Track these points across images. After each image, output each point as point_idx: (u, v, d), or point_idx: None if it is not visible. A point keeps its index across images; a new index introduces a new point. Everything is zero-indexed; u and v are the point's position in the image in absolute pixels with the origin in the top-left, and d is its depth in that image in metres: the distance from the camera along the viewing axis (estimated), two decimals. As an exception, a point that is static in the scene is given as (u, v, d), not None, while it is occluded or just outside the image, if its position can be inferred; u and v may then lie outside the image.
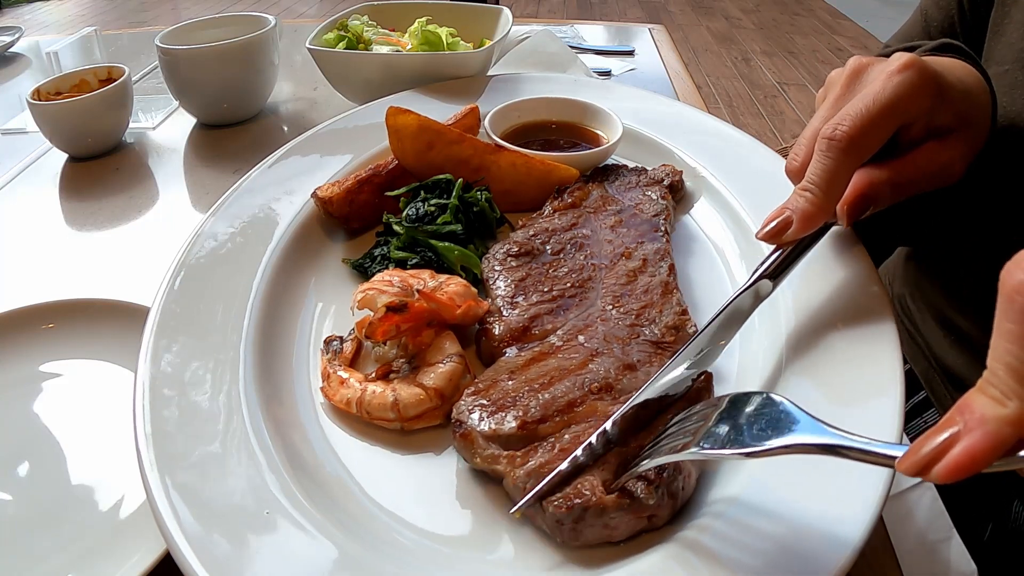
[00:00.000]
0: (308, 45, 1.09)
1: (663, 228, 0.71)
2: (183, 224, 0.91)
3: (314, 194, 0.76)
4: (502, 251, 0.68)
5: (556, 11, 5.96)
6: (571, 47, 1.44)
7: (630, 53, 1.52)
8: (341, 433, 0.57)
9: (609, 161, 0.87)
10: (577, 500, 0.45)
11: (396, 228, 0.72)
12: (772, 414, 0.40)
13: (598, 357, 0.56)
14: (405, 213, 0.73)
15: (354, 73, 1.10)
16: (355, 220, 0.77)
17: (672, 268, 0.65)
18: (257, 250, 0.70)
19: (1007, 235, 0.70)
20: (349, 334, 0.63)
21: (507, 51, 1.32)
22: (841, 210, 0.57)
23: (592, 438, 0.48)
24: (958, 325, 0.80)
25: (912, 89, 0.53)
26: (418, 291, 0.59)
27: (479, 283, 0.67)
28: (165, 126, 1.23)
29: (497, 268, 0.66)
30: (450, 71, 1.04)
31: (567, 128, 0.92)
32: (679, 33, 5.34)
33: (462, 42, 1.16)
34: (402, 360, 0.60)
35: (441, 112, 0.89)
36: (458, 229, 0.71)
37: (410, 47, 1.14)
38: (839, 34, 5.44)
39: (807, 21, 5.77)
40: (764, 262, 0.57)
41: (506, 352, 0.58)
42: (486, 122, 0.87)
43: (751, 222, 0.73)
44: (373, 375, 0.59)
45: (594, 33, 1.66)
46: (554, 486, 0.46)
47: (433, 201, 0.74)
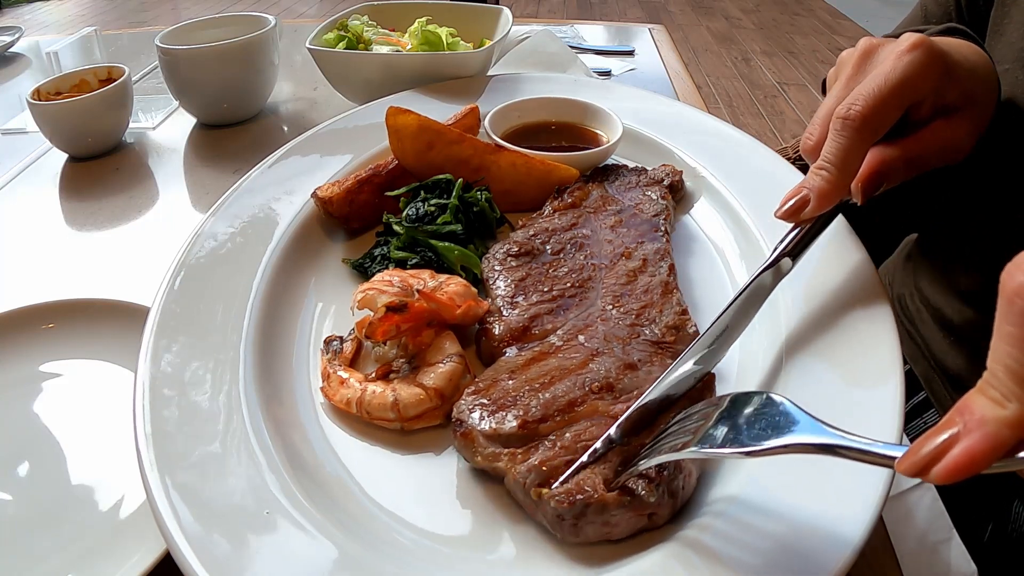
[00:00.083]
0: (308, 45, 1.09)
1: (663, 228, 0.71)
2: (183, 224, 0.91)
3: (314, 194, 0.76)
4: (502, 251, 0.68)
5: (556, 11, 5.96)
6: (571, 47, 1.44)
7: (630, 53, 1.52)
8: (341, 433, 0.57)
9: (609, 161, 0.87)
10: (579, 496, 0.45)
11: (396, 228, 0.72)
12: (772, 414, 0.40)
13: (598, 357, 0.56)
14: (405, 213, 0.73)
15: (354, 73, 1.10)
16: (355, 220, 0.77)
17: (672, 268, 0.65)
18: (257, 250, 0.70)
19: (1007, 233, 0.70)
20: (349, 334, 0.63)
21: (507, 51, 1.32)
22: (856, 187, 0.58)
23: (598, 443, 0.49)
24: (957, 326, 0.80)
25: (921, 68, 0.54)
26: (418, 291, 0.59)
27: (479, 283, 0.67)
28: (165, 126, 1.23)
29: (497, 268, 0.66)
30: (450, 71, 1.04)
31: (567, 128, 0.92)
32: (679, 33, 5.34)
33: (462, 42, 1.16)
34: (402, 360, 0.60)
35: (441, 112, 0.89)
36: (458, 229, 0.71)
37: (410, 47, 1.14)
38: (839, 34, 5.44)
39: (807, 21, 5.77)
40: (783, 240, 0.58)
41: (506, 352, 0.58)
42: (486, 122, 0.87)
43: (751, 222, 0.73)
44: (373, 375, 0.59)
45: (594, 33, 1.66)
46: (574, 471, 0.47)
47: (433, 201, 0.74)
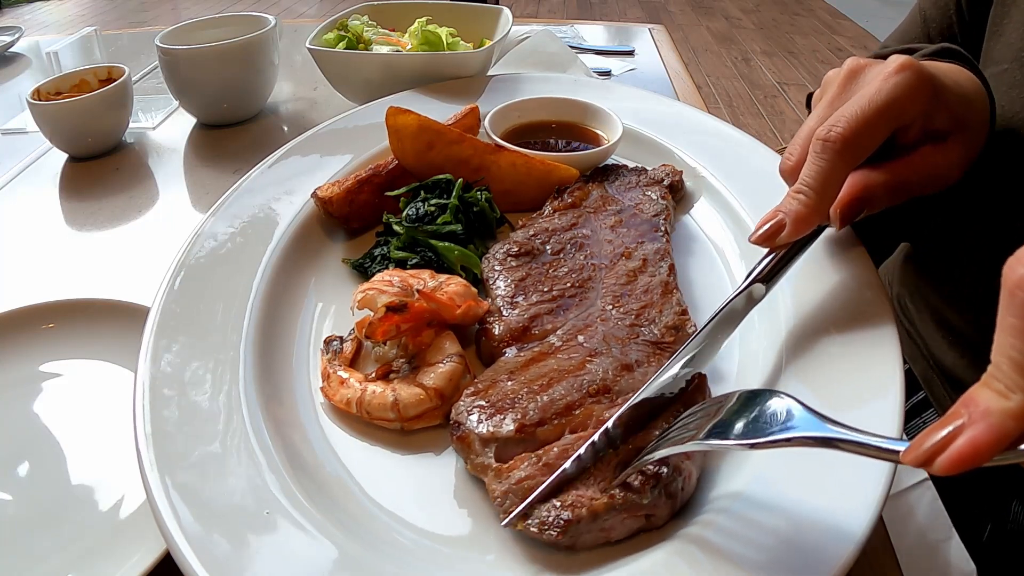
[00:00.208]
0: (308, 45, 1.09)
1: (663, 228, 0.71)
2: (183, 224, 0.91)
3: (314, 194, 0.76)
4: (502, 251, 0.68)
5: (556, 11, 5.96)
6: (571, 47, 1.44)
7: (630, 53, 1.52)
8: (341, 433, 0.57)
9: (609, 161, 0.87)
10: (564, 517, 0.45)
11: (396, 228, 0.72)
12: (775, 410, 0.40)
13: (597, 358, 0.56)
14: (405, 213, 0.73)
15: (354, 73, 1.10)
16: (355, 220, 0.77)
17: (672, 268, 0.65)
18: (257, 250, 0.70)
19: (1006, 234, 0.70)
20: (349, 334, 0.63)
21: (507, 51, 1.32)
22: (834, 213, 0.56)
23: (581, 450, 0.48)
24: (956, 326, 0.80)
25: (908, 91, 0.53)
26: (418, 291, 0.59)
27: (479, 283, 0.67)
28: (165, 126, 1.23)
29: (497, 268, 0.66)
30: (450, 71, 1.04)
31: (567, 128, 0.92)
32: (679, 33, 5.34)
33: (462, 42, 1.16)
34: (402, 360, 0.60)
35: (441, 112, 0.89)
36: (458, 229, 0.71)
37: (410, 47, 1.14)
38: (839, 34, 5.44)
39: (807, 21, 5.77)
40: (757, 266, 0.57)
41: (506, 352, 0.58)
42: (486, 122, 0.87)
43: (751, 222, 0.73)
44: (373, 375, 0.59)
45: (594, 33, 1.66)
46: (543, 498, 0.46)
47: (433, 201, 0.74)
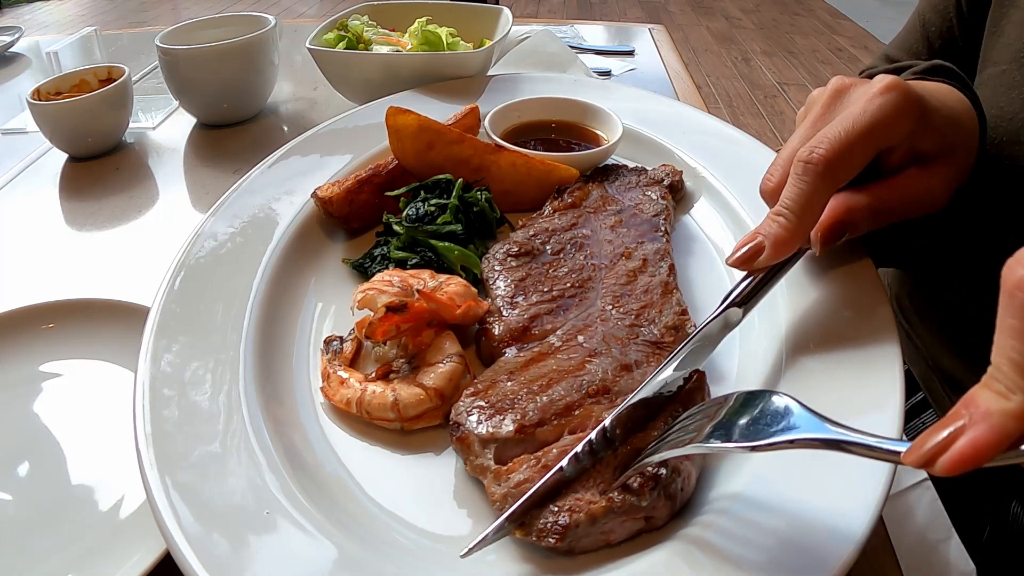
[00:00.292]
0: (308, 45, 1.09)
1: (663, 228, 0.71)
2: (183, 224, 0.91)
3: (314, 194, 0.76)
4: (502, 251, 0.68)
5: (556, 11, 5.96)
6: (571, 47, 1.44)
7: (630, 53, 1.52)
8: (341, 433, 0.57)
9: (609, 161, 0.87)
10: (562, 522, 0.45)
11: (396, 228, 0.72)
12: (775, 411, 0.40)
13: (597, 358, 0.56)
14: (405, 213, 0.73)
15: (354, 73, 1.10)
16: (355, 220, 0.77)
17: (672, 268, 0.65)
18: (257, 250, 0.70)
19: (1005, 236, 0.70)
20: (349, 334, 0.63)
21: (507, 51, 1.32)
22: (815, 236, 0.55)
23: (577, 448, 0.47)
24: (955, 327, 0.80)
25: (894, 112, 0.51)
26: (418, 291, 0.59)
27: (479, 283, 0.67)
28: (165, 126, 1.23)
29: (497, 268, 0.66)
30: (450, 71, 1.04)
31: (567, 128, 0.92)
32: (679, 33, 5.34)
33: (462, 42, 1.16)
34: (402, 360, 0.60)
35: (441, 112, 0.89)
36: (458, 229, 0.71)
37: (410, 47, 1.14)
38: (839, 34, 5.44)
39: (807, 21, 5.78)
40: (734, 289, 0.55)
41: (506, 352, 0.58)
42: (486, 122, 0.87)
43: (751, 222, 0.73)
44: (373, 375, 0.59)
45: (594, 33, 1.66)
46: (532, 505, 0.46)
47: (433, 201, 0.74)
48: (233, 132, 1.20)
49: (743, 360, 0.61)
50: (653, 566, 0.44)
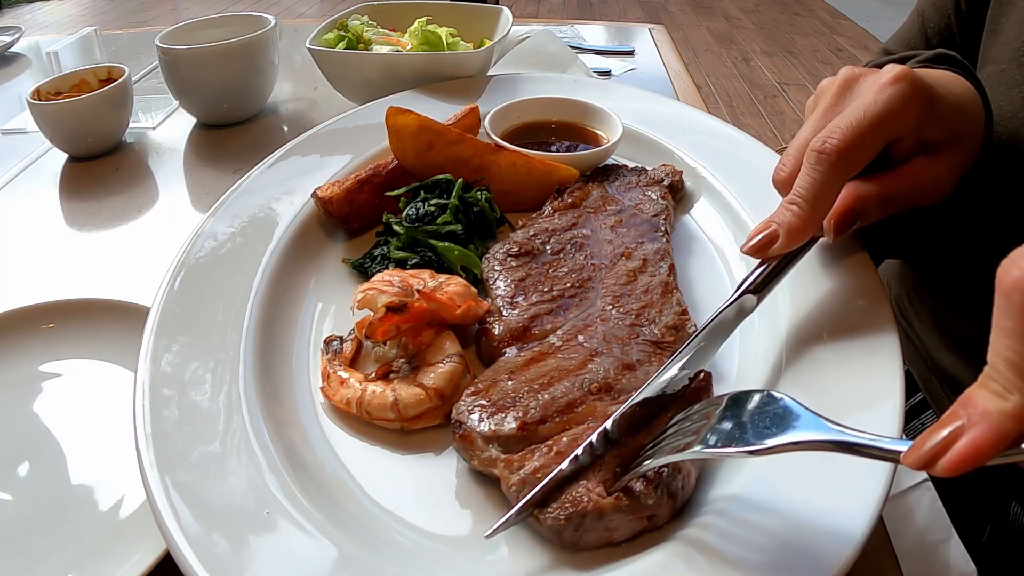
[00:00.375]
0: (308, 45, 1.09)
1: (663, 228, 0.71)
2: (183, 224, 0.91)
3: (314, 194, 0.76)
4: (502, 251, 0.68)
5: (556, 11, 5.96)
6: (571, 47, 1.44)
7: (630, 53, 1.52)
8: (341, 433, 0.57)
9: (609, 161, 0.87)
10: (573, 508, 0.45)
11: (396, 228, 0.72)
12: (774, 411, 0.40)
13: (598, 357, 0.56)
14: (405, 213, 0.73)
15: (354, 73, 1.10)
16: (355, 220, 0.77)
17: (672, 268, 0.65)
18: (257, 250, 0.70)
19: (1003, 236, 0.70)
20: (349, 334, 0.63)
21: (507, 51, 1.32)
22: (828, 224, 0.56)
23: (592, 437, 0.48)
24: (954, 327, 0.80)
25: (904, 102, 0.52)
26: (418, 291, 0.59)
27: (479, 283, 0.67)
28: (165, 126, 1.23)
29: (497, 268, 0.66)
30: (450, 71, 1.04)
31: (567, 128, 0.92)
32: (679, 33, 5.34)
33: (462, 42, 1.16)
34: (402, 360, 0.60)
35: (441, 112, 0.89)
36: (458, 229, 0.71)
37: (410, 47, 1.14)
38: (839, 34, 5.44)
39: (807, 21, 5.78)
40: (748, 277, 0.56)
41: (506, 352, 0.58)
42: (486, 122, 0.87)
43: (751, 222, 0.73)
44: (373, 375, 0.59)
45: (594, 33, 1.66)
46: (549, 491, 0.46)
47: (433, 201, 0.74)
48: (233, 132, 1.20)
49: (743, 360, 0.61)
50: (652, 567, 0.44)
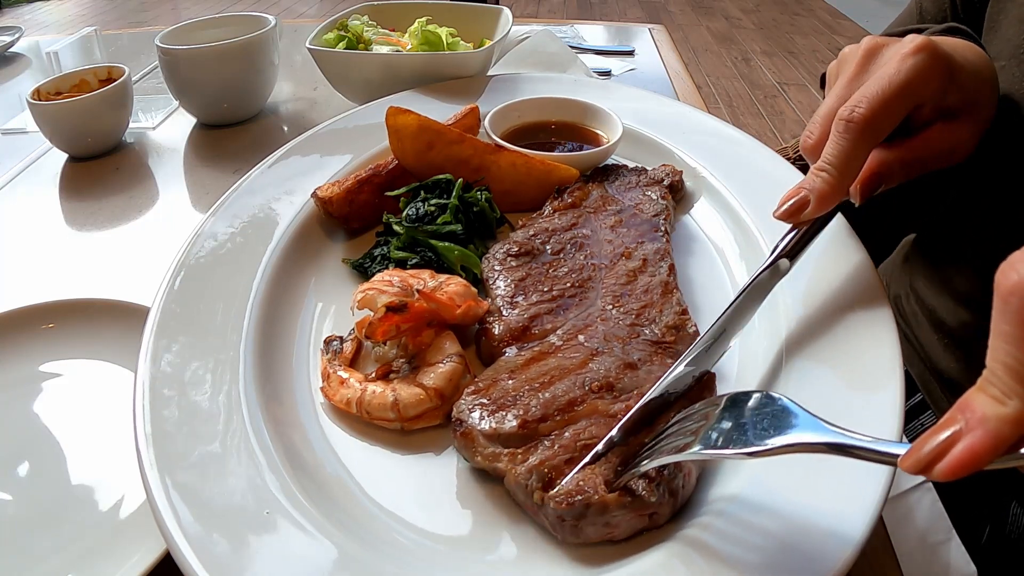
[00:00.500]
0: (308, 45, 1.09)
1: (663, 228, 0.71)
2: (183, 224, 0.91)
3: (314, 194, 0.76)
4: (502, 251, 0.68)
5: (556, 11, 5.96)
6: (571, 47, 1.44)
7: (630, 53, 1.52)
8: (341, 433, 0.57)
9: (609, 161, 0.87)
10: (579, 496, 0.45)
11: (396, 228, 0.72)
12: (772, 413, 0.40)
13: (598, 356, 0.56)
14: (405, 213, 0.73)
15: (354, 73, 1.10)
16: (355, 220, 0.77)
17: (672, 268, 0.65)
18: (257, 250, 0.70)
19: (1002, 236, 0.70)
20: (349, 334, 0.63)
21: (507, 51, 1.32)
22: (855, 189, 0.58)
23: (614, 431, 0.49)
24: (952, 328, 0.80)
25: (926, 71, 0.54)
26: (418, 291, 0.59)
27: (479, 283, 0.67)
28: (165, 126, 1.23)
29: (497, 268, 0.66)
30: (450, 71, 1.04)
31: (567, 128, 0.92)
32: (679, 33, 5.34)
33: (462, 42, 1.16)
34: (402, 360, 0.60)
35: (441, 112, 0.89)
36: (458, 229, 0.71)
37: (410, 47, 1.14)
38: (839, 34, 5.44)
39: (807, 21, 5.78)
40: (781, 241, 0.58)
41: (506, 352, 0.58)
42: (486, 122, 0.87)
43: (751, 222, 0.73)
44: (373, 375, 0.59)
45: (594, 33, 1.66)
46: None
47: (433, 201, 0.74)
48: (233, 132, 1.20)
49: (743, 360, 0.61)
50: (651, 567, 0.44)
